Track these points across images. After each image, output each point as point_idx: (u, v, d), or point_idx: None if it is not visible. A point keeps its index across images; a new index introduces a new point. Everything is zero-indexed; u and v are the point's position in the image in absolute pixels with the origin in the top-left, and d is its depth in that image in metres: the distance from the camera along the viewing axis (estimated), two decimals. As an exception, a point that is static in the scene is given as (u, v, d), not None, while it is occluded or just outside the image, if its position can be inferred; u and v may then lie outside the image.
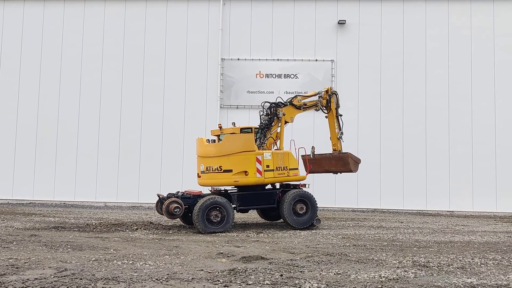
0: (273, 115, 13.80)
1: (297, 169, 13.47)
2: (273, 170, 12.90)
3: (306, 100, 14.64)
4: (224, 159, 12.74)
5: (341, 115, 15.06)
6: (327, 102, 14.83)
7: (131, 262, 7.81)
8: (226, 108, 20.25)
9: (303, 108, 14.45)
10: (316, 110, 15.00)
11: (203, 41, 20.61)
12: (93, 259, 8.00)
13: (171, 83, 20.50)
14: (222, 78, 20.33)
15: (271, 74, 20.39)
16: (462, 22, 20.07)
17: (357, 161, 15.00)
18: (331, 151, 15.10)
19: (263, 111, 14.05)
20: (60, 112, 20.56)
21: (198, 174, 13.57)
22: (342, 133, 15.18)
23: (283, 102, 14.17)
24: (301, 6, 20.53)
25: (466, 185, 19.44)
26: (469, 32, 19.99)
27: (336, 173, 15.43)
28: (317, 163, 14.90)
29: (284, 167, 13.15)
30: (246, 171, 12.63)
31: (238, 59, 20.42)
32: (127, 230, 12.22)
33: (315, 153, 14.25)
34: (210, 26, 20.66)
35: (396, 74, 20.03)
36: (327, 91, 14.86)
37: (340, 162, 14.74)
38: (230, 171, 12.64)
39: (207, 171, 13.07)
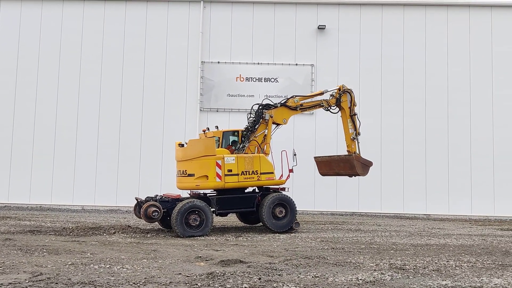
0: (259, 117, 13.71)
1: (272, 173, 13.26)
2: (237, 175, 12.75)
3: (307, 101, 14.34)
4: (188, 163, 12.86)
5: (354, 114, 14.46)
6: (337, 101, 14.42)
7: (108, 266, 7.73)
8: (206, 112, 20.21)
9: (300, 108, 14.18)
10: (326, 109, 14.58)
11: (183, 44, 20.56)
12: (70, 263, 7.89)
13: (150, 86, 20.38)
14: (202, 81, 20.29)
15: (251, 78, 20.43)
16: (439, 28, 20.42)
17: (367, 164, 14.45)
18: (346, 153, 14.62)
19: (251, 113, 13.94)
20: (36, 114, 20.26)
21: (176, 177, 13.60)
22: (357, 134, 14.49)
23: (272, 104, 14.07)
24: (281, 11, 20.64)
25: (442, 189, 19.76)
26: (446, 38, 20.34)
27: (351, 176, 14.89)
28: (327, 166, 14.73)
29: (254, 171, 12.97)
30: (206, 176, 12.59)
31: (218, 62, 20.42)
32: (104, 234, 12.08)
33: (296, 155, 14.14)
34: (190, 29, 20.62)
35: (375, 79, 20.26)
36: (339, 89, 14.47)
37: (347, 165, 14.31)
38: (193, 175, 12.70)
39: (178, 175, 13.28)
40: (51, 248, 9.38)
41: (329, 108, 14.58)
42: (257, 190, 13.80)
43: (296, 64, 20.40)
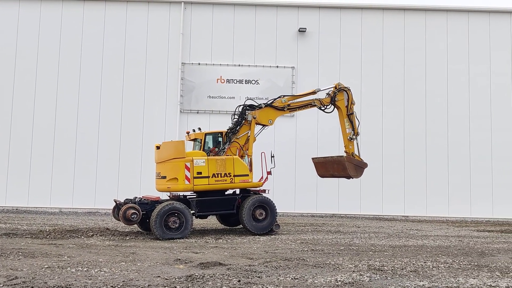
0: (241, 118, 13.65)
1: (247, 175, 13.13)
2: (208, 177, 12.67)
3: (297, 100, 14.09)
4: (161, 166, 12.95)
5: (352, 113, 14.05)
6: (332, 100, 14.11)
7: (85, 269, 7.63)
8: (186, 113, 20.12)
9: (288, 109, 13.99)
10: (319, 109, 14.22)
11: (163, 45, 20.44)
12: (46, 266, 7.77)
13: (130, 87, 20.20)
14: (182, 82, 20.20)
15: (232, 80, 20.41)
16: (418, 31, 20.68)
17: (360, 166, 14.06)
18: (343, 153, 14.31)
19: (235, 114, 13.87)
20: (12, 116, 19.90)
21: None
22: (356, 134, 14.12)
23: (256, 104, 13.97)
24: (262, 13, 20.68)
25: (420, 191, 20.01)
26: (423, 42, 20.63)
27: (348, 178, 14.39)
28: (324, 167, 14.44)
29: (226, 173, 12.88)
30: (176, 178, 12.55)
31: (199, 63, 20.35)
32: (82, 237, 11.93)
33: (274, 157, 14.11)
34: (170, 30, 20.51)
35: (354, 82, 20.38)
36: (335, 87, 14.11)
37: (340, 166, 13.90)
38: (165, 177, 12.75)
39: (156, 177, 13.34)
40: (27, 252, 9.22)
41: (322, 107, 14.25)
42: (237, 192, 13.81)
43: (277, 67, 20.46)
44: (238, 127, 13.60)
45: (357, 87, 20.37)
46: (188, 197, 13.29)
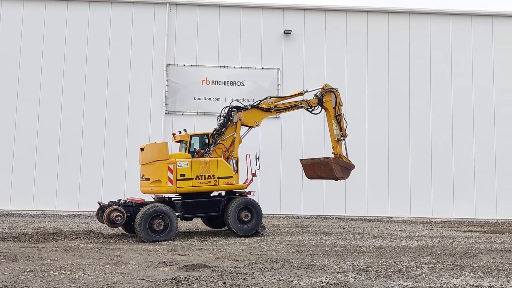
0: (227, 120, 13.63)
1: (231, 177, 13.08)
2: (191, 179, 12.59)
3: (283, 102, 14.05)
4: (145, 168, 12.91)
5: (340, 115, 13.97)
6: (319, 101, 14.05)
7: (69, 272, 7.55)
8: (171, 115, 20.03)
9: (275, 110, 13.94)
10: (306, 110, 14.17)
11: (148, 46, 20.33)
12: (28, 270, 7.66)
13: (114, 88, 20.04)
14: (167, 84, 20.11)
15: (217, 81, 20.38)
16: (401, 34, 20.88)
17: (348, 167, 14.05)
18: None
19: (221, 116, 13.82)
20: (-5, 116, 19.66)
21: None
22: (344, 135, 14.07)
23: (242, 106, 13.95)
24: (248, 15, 20.69)
25: (404, 192, 20.18)
26: (407, 44, 20.83)
27: (336, 180, 14.36)
28: (311, 169, 14.39)
29: (210, 175, 12.81)
30: (160, 180, 12.50)
31: (184, 65, 20.29)
32: (65, 240, 11.80)
33: (259, 158, 14.16)
34: (155, 31, 20.41)
35: (339, 84, 20.41)
36: (322, 89, 14.10)
37: (327, 168, 13.85)
38: (148, 179, 12.74)
39: (140, 179, 13.29)
40: (9, 255, 9.08)
41: (310, 108, 14.18)
42: (223, 194, 13.78)
43: (262, 68, 20.48)
44: (224, 128, 13.59)
45: (341, 89, 20.32)
46: (173, 199, 13.25)
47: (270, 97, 14.30)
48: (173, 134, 13.76)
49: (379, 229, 16.01)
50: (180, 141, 14.02)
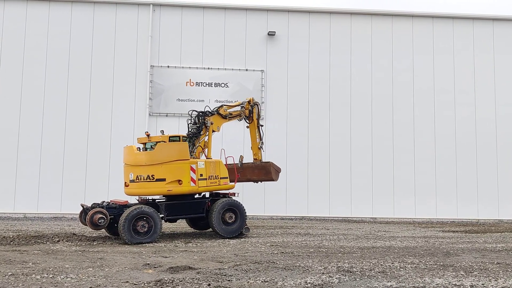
0: (202, 124, 13.72)
1: (227, 178, 13.55)
2: (206, 179, 12.89)
3: (231, 110, 14.66)
4: (157, 168, 12.51)
5: (262, 126, 15.11)
6: (250, 113, 14.84)
7: (51, 275, 7.45)
8: (155, 116, 19.93)
9: (229, 117, 14.46)
10: (239, 120, 14.96)
11: (132, 47, 20.19)
12: (9, 273, 7.55)
13: (97, 90, 19.86)
14: (151, 85, 20.00)
15: (201, 83, 20.33)
16: (384, 35, 21.05)
17: (278, 170, 15.26)
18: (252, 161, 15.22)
19: (190, 119, 13.90)
20: (-25, 117, 19.33)
21: (125, 183, 13.12)
22: (262, 143, 15.21)
23: (210, 111, 14.12)
24: (232, 16, 20.69)
25: (387, 193, 20.34)
26: (391, 45, 21.00)
27: (257, 182, 15.52)
28: (242, 173, 15.00)
29: (215, 176, 13.22)
30: (180, 180, 12.49)
31: (168, 66, 20.20)
32: (48, 242, 11.65)
33: (243, 162, 14.47)
34: (139, 33, 20.28)
35: (322, 85, 20.64)
36: (249, 102, 14.85)
37: (262, 171, 14.87)
38: (163, 180, 12.45)
39: (137, 180, 12.70)
40: (-11, 259, 8.94)
41: (245, 118, 14.90)
42: (207, 196, 13.76)
43: (246, 70, 20.49)
44: (201, 131, 13.68)
45: (325, 91, 20.62)
46: (157, 201, 13.17)
47: (223, 105, 14.79)
48: (148, 135, 13.51)
49: (363, 230, 16.12)
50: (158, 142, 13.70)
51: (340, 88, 20.68)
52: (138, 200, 13.45)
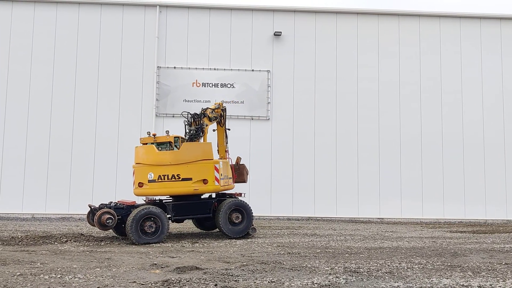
0: (200, 125, 13.69)
1: (231, 178, 13.87)
2: (223, 179, 13.17)
3: (213, 113, 14.45)
4: (182, 167, 12.61)
5: (228, 129, 14.86)
6: (221, 116, 14.67)
7: (59, 276, 7.50)
8: (162, 117, 19.99)
9: (212, 120, 14.32)
10: (219, 124, 14.66)
11: (138, 48, 20.27)
12: (18, 273, 7.61)
13: (105, 91, 19.96)
14: (158, 86, 20.07)
15: (207, 83, 20.37)
16: (391, 35, 20.97)
17: (247, 172, 15.44)
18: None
19: (187, 120, 13.84)
20: (-17, 118, 19.47)
21: (140, 183, 12.81)
22: (228, 147, 15.12)
23: (202, 112, 13.99)
24: (238, 17, 20.71)
25: (395, 193, 20.26)
26: (397, 48, 20.93)
27: (243, 182, 15.48)
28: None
29: (228, 176, 13.58)
30: (205, 179, 12.66)
31: (175, 67, 20.26)
32: (56, 243, 11.72)
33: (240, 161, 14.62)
34: (146, 34, 20.36)
35: (329, 85, 20.60)
36: (219, 106, 14.60)
37: (238, 173, 14.94)
38: (190, 179, 12.57)
39: (159, 180, 12.66)
40: (-2, 259, 9.02)
41: (219, 122, 14.67)
42: (213, 196, 13.80)
43: (253, 70, 20.50)
44: (201, 133, 13.67)
45: (331, 91, 20.57)
46: (164, 201, 13.21)
47: (207, 108, 14.40)
48: (154, 135, 13.53)
49: (370, 230, 16.08)
50: (161, 143, 13.66)
51: (346, 88, 20.62)
52: (145, 200, 13.51)
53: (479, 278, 7.72)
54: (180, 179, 12.57)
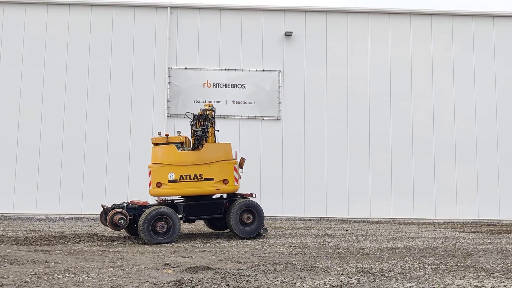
0: (207, 125, 13.64)
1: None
2: (239, 179, 13.36)
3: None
4: (205, 168, 12.75)
5: (218, 131, 14.58)
6: (212, 117, 14.36)
7: (72, 275, 7.57)
8: (173, 118, 20.08)
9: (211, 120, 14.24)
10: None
11: (150, 49, 20.40)
12: (32, 273, 7.69)
13: (117, 92, 20.11)
14: (169, 87, 20.16)
15: (218, 84, 20.42)
16: (400, 36, 20.86)
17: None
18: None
19: (193, 121, 13.82)
20: (-2, 120, 19.72)
21: (158, 183, 12.74)
22: None
23: (206, 114, 13.89)
24: (248, 17, 20.74)
25: (407, 194, 20.15)
26: (409, 47, 20.81)
27: None
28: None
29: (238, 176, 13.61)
30: (226, 180, 12.88)
31: (186, 68, 20.34)
32: (69, 243, 11.82)
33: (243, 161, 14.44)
34: (157, 35, 20.48)
35: (340, 85, 20.54)
36: (209, 107, 14.38)
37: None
38: (212, 179, 12.76)
39: (181, 180, 12.72)
40: (12, 258, 9.11)
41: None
42: (224, 196, 13.81)
43: (263, 70, 20.51)
44: (208, 133, 13.64)
45: (343, 91, 20.51)
46: (175, 201, 13.25)
47: (205, 109, 14.28)
48: (167, 135, 13.58)
49: (382, 230, 15.99)
50: (172, 143, 13.67)
51: (358, 87, 20.55)
52: (157, 200, 13.57)
53: (493, 279, 7.65)
54: (203, 179, 12.74)
